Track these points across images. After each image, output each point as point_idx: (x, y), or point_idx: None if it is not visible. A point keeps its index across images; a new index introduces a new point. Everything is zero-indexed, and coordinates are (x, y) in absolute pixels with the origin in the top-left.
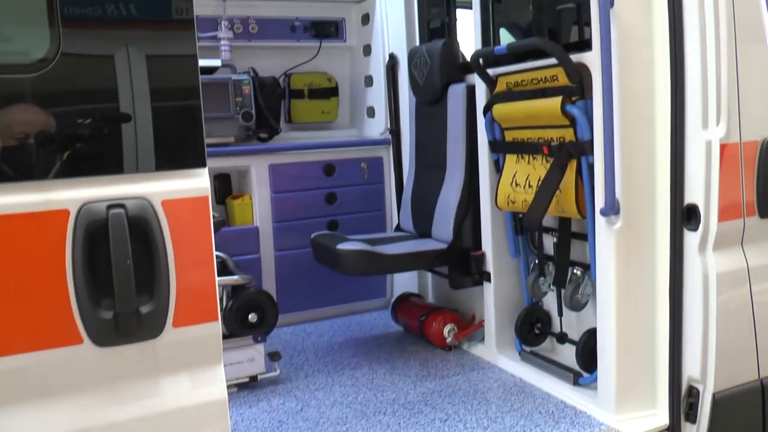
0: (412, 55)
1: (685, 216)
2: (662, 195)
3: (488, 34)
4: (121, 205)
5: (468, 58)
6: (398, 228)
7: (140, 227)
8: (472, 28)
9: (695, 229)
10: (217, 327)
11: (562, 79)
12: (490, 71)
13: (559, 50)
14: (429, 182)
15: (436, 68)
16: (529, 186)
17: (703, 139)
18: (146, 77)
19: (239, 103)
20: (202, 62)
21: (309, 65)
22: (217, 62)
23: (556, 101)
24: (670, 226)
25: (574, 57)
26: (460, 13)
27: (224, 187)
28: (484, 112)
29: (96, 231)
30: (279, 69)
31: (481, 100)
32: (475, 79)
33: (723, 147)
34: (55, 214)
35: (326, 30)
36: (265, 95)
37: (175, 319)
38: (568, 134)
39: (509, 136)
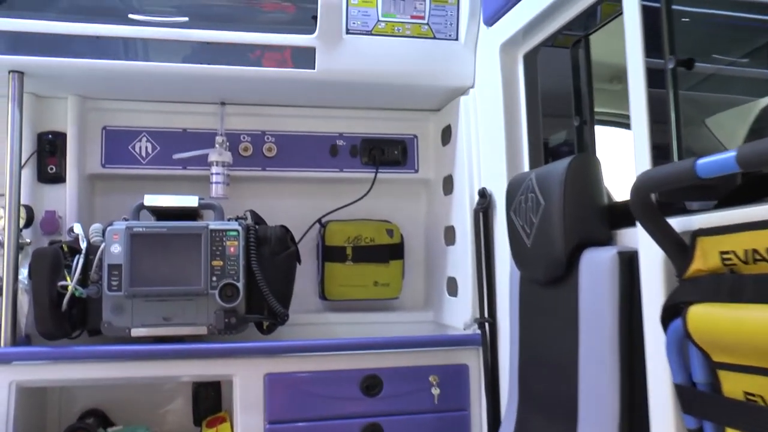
0: (512, 191)
1: None
2: None
3: (665, 155)
4: None
5: (615, 198)
6: None
7: None
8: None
9: None
10: None
11: None
12: (676, 222)
13: None
14: None
15: (556, 215)
16: None
17: None
18: None
19: (218, 269)
20: (166, 199)
21: (357, 208)
22: (192, 200)
23: None
24: None
25: None
26: (602, 133)
27: (211, 398)
28: (666, 319)
29: None
30: (308, 214)
31: (654, 283)
32: (638, 237)
33: None
34: None
35: (387, 153)
36: (266, 257)
37: None
38: None
39: (731, 383)
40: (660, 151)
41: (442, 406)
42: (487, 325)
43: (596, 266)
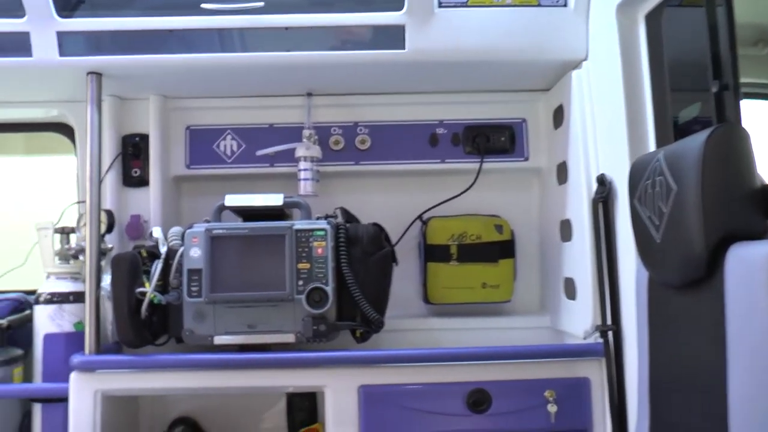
0: (636, 175)
1: None
2: None
3: None
4: None
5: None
6: None
7: None
8: None
9: None
10: None
11: None
12: None
13: None
14: None
15: (693, 202)
16: None
17: None
18: None
19: (305, 272)
20: (248, 198)
21: (461, 203)
22: (276, 198)
23: None
24: None
25: None
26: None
27: (306, 408)
28: None
29: None
30: (407, 210)
31: None
32: None
33: None
34: None
35: (493, 140)
36: (357, 258)
37: None
38: None
39: None
40: None
41: (559, 426)
42: (610, 333)
43: (749, 265)
